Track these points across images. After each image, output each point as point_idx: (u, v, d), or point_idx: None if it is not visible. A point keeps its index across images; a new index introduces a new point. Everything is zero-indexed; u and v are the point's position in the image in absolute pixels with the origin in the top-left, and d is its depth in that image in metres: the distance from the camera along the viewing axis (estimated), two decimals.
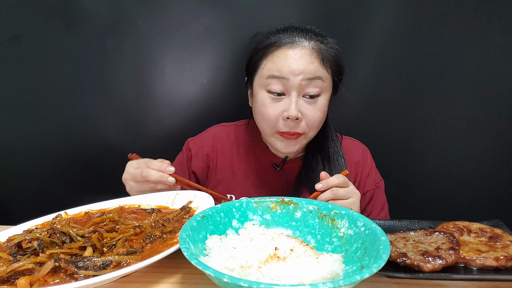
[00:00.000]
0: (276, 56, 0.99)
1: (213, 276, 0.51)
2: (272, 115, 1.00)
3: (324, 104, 1.02)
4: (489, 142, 1.36)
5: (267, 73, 1.00)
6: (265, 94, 1.01)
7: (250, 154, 1.18)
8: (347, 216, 0.70)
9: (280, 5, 1.28)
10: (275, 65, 0.99)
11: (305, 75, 0.96)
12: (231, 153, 1.19)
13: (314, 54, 0.98)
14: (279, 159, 1.15)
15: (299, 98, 0.99)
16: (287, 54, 0.98)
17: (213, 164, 1.19)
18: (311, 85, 0.98)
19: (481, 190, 1.40)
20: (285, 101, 0.99)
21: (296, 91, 0.98)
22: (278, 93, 0.99)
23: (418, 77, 1.32)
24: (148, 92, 1.37)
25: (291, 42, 0.99)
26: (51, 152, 1.41)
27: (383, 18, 1.28)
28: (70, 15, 1.28)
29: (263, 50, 1.02)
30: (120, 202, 0.94)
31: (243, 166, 1.17)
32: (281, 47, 0.99)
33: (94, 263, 0.64)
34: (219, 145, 1.20)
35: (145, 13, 1.29)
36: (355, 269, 0.59)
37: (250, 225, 0.74)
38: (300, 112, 0.98)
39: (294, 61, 0.97)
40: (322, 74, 0.99)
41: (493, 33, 1.26)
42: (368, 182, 1.17)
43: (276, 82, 0.98)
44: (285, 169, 1.15)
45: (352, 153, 1.18)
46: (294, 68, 0.96)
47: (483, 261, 0.67)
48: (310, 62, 0.97)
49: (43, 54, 1.31)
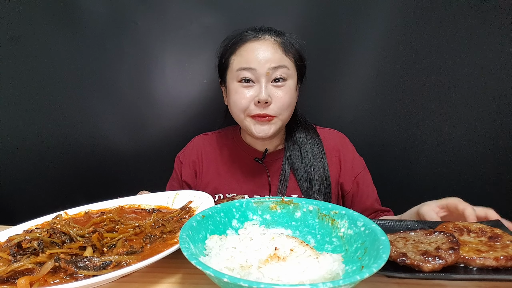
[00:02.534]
0: (244, 50, 1.08)
1: (213, 276, 0.51)
2: (244, 101, 1.08)
3: (291, 88, 1.10)
4: (489, 142, 1.36)
5: (237, 66, 1.09)
6: (236, 84, 1.10)
7: (232, 154, 1.25)
8: (347, 216, 0.70)
9: (280, 5, 1.28)
10: (243, 58, 1.08)
11: (270, 63, 1.05)
12: (215, 157, 1.26)
13: (277, 44, 1.08)
14: (260, 153, 1.22)
15: (268, 84, 1.07)
16: (253, 47, 1.07)
17: (199, 169, 1.26)
18: (278, 72, 1.06)
19: (481, 190, 1.40)
20: (255, 88, 1.08)
21: (264, 78, 1.06)
22: (249, 80, 1.07)
23: (418, 77, 1.32)
24: (148, 92, 1.37)
25: (255, 36, 1.09)
26: (51, 152, 1.41)
27: (383, 18, 1.28)
28: (70, 15, 1.28)
29: (231, 48, 1.11)
30: (120, 202, 0.94)
31: (227, 166, 1.24)
32: (247, 41, 1.09)
33: (94, 263, 0.64)
34: (203, 151, 1.27)
35: (145, 13, 1.29)
36: (355, 269, 0.59)
37: (250, 225, 0.74)
38: (269, 96, 1.06)
39: (259, 52, 1.06)
40: (286, 62, 1.08)
41: (493, 33, 1.26)
42: (355, 165, 1.21)
43: (246, 72, 1.07)
44: (267, 162, 1.21)
45: (329, 141, 1.23)
46: (260, 58, 1.05)
47: (483, 261, 0.67)
48: (274, 51, 1.07)
49: (43, 54, 1.31)
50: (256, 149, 1.23)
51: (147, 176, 1.44)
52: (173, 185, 1.29)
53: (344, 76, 1.34)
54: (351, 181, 1.20)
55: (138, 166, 1.45)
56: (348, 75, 1.34)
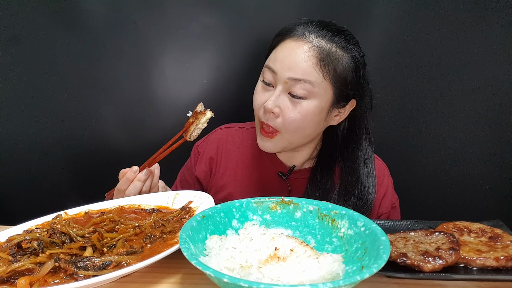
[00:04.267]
0: (280, 47, 0.95)
1: (213, 276, 0.51)
2: (258, 102, 0.97)
3: (309, 109, 0.92)
4: (489, 142, 1.36)
5: (266, 62, 0.98)
6: (259, 81, 0.99)
7: (255, 160, 1.12)
8: (347, 216, 0.70)
9: (280, 5, 1.28)
10: (274, 56, 0.95)
11: (292, 73, 0.90)
12: (236, 158, 1.13)
13: (314, 52, 0.90)
14: (286, 168, 1.09)
15: (283, 94, 0.93)
16: (289, 46, 0.92)
17: (216, 169, 1.14)
18: (297, 86, 0.90)
19: (481, 190, 1.40)
20: (271, 92, 0.95)
21: (281, 86, 0.93)
22: (267, 83, 0.96)
23: (418, 77, 1.32)
24: (148, 92, 1.37)
25: (300, 34, 0.92)
26: (51, 152, 1.41)
27: (383, 18, 1.27)
28: (70, 15, 1.28)
29: (276, 39, 0.98)
30: (120, 202, 0.94)
31: (247, 172, 1.12)
32: (289, 37, 0.93)
33: (94, 263, 0.64)
34: (223, 149, 1.15)
35: (145, 13, 1.29)
36: (355, 269, 0.59)
37: (250, 225, 0.74)
38: (278, 107, 0.93)
39: (289, 55, 0.91)
40: (313, 78, 0.90)
41: (493, 34, 1.26)
42: (383, 204, 1.09)
43: (268, 73, 0.95)
44: (292, 179, 1.09)
45: None
46: (285, 62, 0.91)
47: (483, 261, 0.67)
48: (304, 60, 0.89)
49: (43, 54, 1.31)
50: (282, 162, 1.10)
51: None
52: (184, 174, 1.20)
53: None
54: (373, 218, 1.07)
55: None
56: None
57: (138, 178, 0.94)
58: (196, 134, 0.95)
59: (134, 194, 0.95)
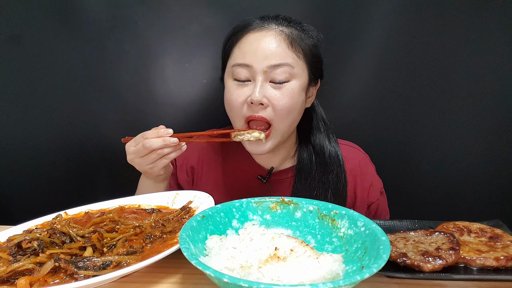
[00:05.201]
0: (243, 42, 0.95)
1: (213, 276, 0.51)
2: (238, 101, 0.95)
3: (294, 90, 0.94)
4: (489, 142, 1.36)
5: (233, 61, 0.96)
6: (231, 82, 0.97)
7: (235, 167, 1.12)
8: (347, 216, 0.70)
9: (280, 5, 1.28)
10: (241, 52, 0.94)
11: (270, 61, 0.91)
12: (216, 166, 1.13)
13: (282, 36, 0.93)
14: (265, 171, 1.09)
15: (265, 83, 0.93)
16: (253, 38, 0.94)
17: (197, 177, 1.14)
18: (278, 71, 0.91)
19: (481, 190, 1.40)
20: (250, 86, 0.94)
21: (261, 76, 0.92)
22: (243, 80, 0.95)
23: (418, 77, 1.32)
24: (148, 92, 1.37)
25: (259, 26, 0.95)
26: (51, 152, 1.41)
27: (383, 18, 1.27)
28: (70, 15, 1.28)
29: (232, 38, 0.98)
30: (120, 202, 0.94)
31: (228, 179, 1.11)
32: (249, 31, 0.95)
33: (94, 263, 0.64)
34: (205, 157, 1.14)
35: (145, 13, 1.29)
36: (355, 269, 0.59)
37: (250, 225, 0.74)
38: (265, 98, 0.92)
39: (259, 45, 0.92)
40: (290, 59, 0.92)
41: (493, 33, 1.26)
42: (371, 193, 1.10)
43: (241, 70, 0.94)
44: (272, 181, 1.09)
45: (348, 161, 1.09)
46: (259, 53, 0.91)
47: (483, 261, 0.67)
48: (277, 45, 0.91)
49: (43, 54, 1.31)
50: (260, 165, 1.09)
51: None
52: None
53: (345, 76, 1.34)
54: (364, 208, 1.10)
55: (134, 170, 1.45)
56: (349, 75, 1.34)
57: (164, 139, 0.90)
58: (240, 139, 0.96)
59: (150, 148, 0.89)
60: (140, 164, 0.95)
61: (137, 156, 0.93)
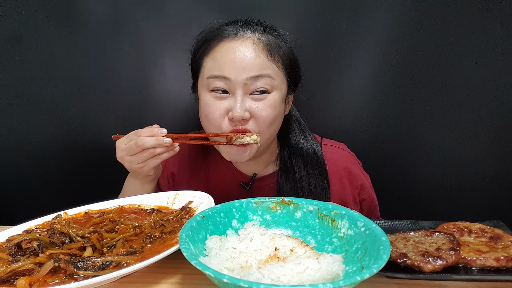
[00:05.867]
0: (217, 52, 0.90)
1: (213, 277, 0.50)
2: (216, 115, 0.90)
3: (276, 101, 0.91)
4: (489, 142, 1.36)
5: (208, 73, 0.91)
6: (207, 94, 0.92)
7: (217, 173, 1.09)
8: (347, 217, 0.70)
9: (280, 6, 1.28)
10: (217, 63, 0.89)
11: (249, 72, 0.86)
12: (197, 172, 1.10)
13: (260, 45, 0.88)
14: (248, 177, 1.07)
15: (245, 96, 0.89)
16: (229, 48, 0.88)
17: (178, 184, 1.11)
18: (258, 83, 0.88)
19: (481, 190, 1.40)
20: (229, 99, 0.89)
21: (241, 90, 0.88)
22: (222, 91, 0.90)
23: (418, 78, 1.32)
24: (148, 92, 1.37)
25: (234, 34, 0.89)
26: (51, 152, 1.41)
27: (384, 18, 1.27)
28: (70, 15, 1.28)
29: (203, 46, 0.93)
30: (120, 202, 0.94)
31: (209, 186, 1.08)
32: (222, 40, 0.89)
33: (94, 263, 0.64)
34: (185, 164, 1.11)
35: (145, 13, 1.29)
36: (355, 270, 0.59)
37: (250, 226, 0.74)
38: (247, 111, 0.89)
39: (236, 55, 0.87)
40: (270, 70, 0.89)
41: (493, 34, 1.26)
42: (363, 191, 1.10)
43: (218, 82, 0.89)
44: (256, 187, 1.07)
45: (334, 162, 1.07)
46: (237, 64, 0.86)
47: (484, 262, 0.67)
48: (255, 55, 0.87)
49: (43, 54, 1.31)
50: (242, 172, 1.07)
51: None
52: None
53: (345, 76, 1.34)
54: (357, 206, 1.10)
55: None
56: (349, 75, 1.34)
57: (158, 138, 0.87)
58: (240, 142, 0.91)
59: (142, 147, 0.87)
60: (130, 162, 0.91)
61: (128, 153, 0.90)
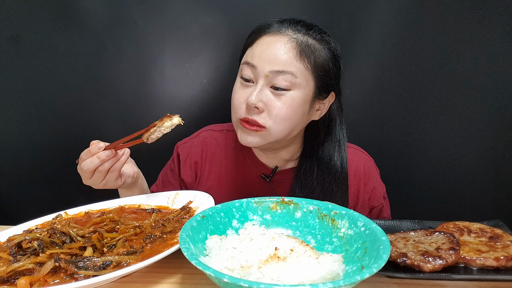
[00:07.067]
0: (257, 44, 0.95)
1: (213, 276, 0.51)
2: (237, 101, 0.96)
3: (294, 100, 0.92)
4: (489, 142, 1.36)
5: (244, 60, 0.97)
6: (238, 80, 0.98)
7: (239, 163, 1.11)
8: (347, 216, 0.70)
9: (280, 5, 1.28)
10: (252, 52, 0.95)
11: (273, 66, 0.90)
12: (220, 161, 1.12)
13: (292, 44, 0.91)
14: (269, 169, 1.09)
15: (265, 88, 0.92)
16: (266, 41, 0.93)
17: (201, 173, 1.13)
18: (279, 78, 0.90)
19: (481, 190, 1.40)
20: (252, 88, 0.94)
21: (263, 80, 0.92)
22: (247, 79, 0.95)
23: (418, 78, 1.32)
24: (148, 92, 1.37)
25: (276, 30, 0.94)
26: (51, 152, 1.41)
27: (383, 19, 1.27)
28: (70, 15, 1.28)
29: (250, 38, 0.98)
30: (120, 202, 0.94)
31: (230, 175, 1.10)
32: (265, 34, 0.94)
33: (94, 263, 0.64)
34: (208, 152, 1.13)
35: (145, 13, 1.29)
36: (355, 269, 0.59)
37: (250, 225, 0.74)
38: (262, 102, 0.92)
39: (268, 48, 0.92)
40: (295, 68, 0.91)
41: (493, 34, 1.26)
42: (373, 197, 1.10)
43: (247, 69, 0.94)
44: (276, 180, 1.08)
45: (353, 163, 1.08)
46: (265, 56, 0.91)
47: (483, 261, 0.67)
48: (284, 52, 0.90)
49: (43, 54, 1.31)
50: (264, 164, 1.09)
51: (147, 176, 1.44)
52: (167, 175, 1.17)
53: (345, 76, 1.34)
54: (366, 211, 1.10)
55: (138, 166, 1.45)
56: (349, 75, 1.34)
57: (98, 155, 0.86)
58: (155, 137, 0.88)
59: (89, 170, 0.86)
60: (93, 185, 0.91)
61: (86, 179, 0.90)
